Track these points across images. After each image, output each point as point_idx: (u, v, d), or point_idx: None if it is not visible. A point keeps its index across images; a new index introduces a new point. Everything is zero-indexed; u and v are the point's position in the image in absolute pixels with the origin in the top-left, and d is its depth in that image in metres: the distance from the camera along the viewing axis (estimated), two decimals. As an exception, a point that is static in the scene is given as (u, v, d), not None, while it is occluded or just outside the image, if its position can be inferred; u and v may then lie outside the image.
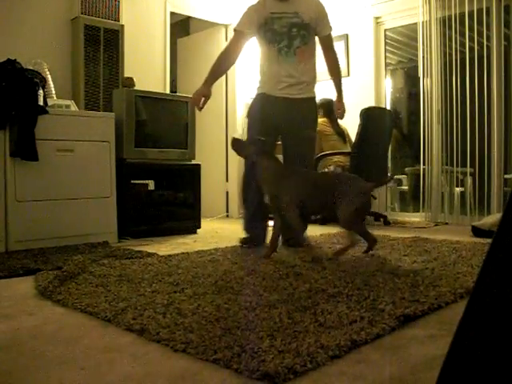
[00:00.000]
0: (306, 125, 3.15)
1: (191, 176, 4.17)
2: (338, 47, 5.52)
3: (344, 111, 3.28)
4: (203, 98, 3.14)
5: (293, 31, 3.03)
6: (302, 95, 3.13)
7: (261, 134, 2.96)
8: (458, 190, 4.90)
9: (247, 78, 5.66)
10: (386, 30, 5.34)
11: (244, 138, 5.64)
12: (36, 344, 1.45)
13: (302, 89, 3.13)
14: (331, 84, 3.35)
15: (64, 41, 4.14)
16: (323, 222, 4.78)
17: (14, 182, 3.09)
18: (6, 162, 3.07)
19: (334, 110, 4.99)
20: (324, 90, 5.61)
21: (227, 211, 5.71)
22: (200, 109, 3.20)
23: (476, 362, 0.74)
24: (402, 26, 5.37)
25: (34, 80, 3.22)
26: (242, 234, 3.30)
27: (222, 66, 3.21)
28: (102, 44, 4.10)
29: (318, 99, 5.09)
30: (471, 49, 4.59)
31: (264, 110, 3.14)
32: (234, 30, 3.20)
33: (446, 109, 4.73)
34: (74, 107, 3.68)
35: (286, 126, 3.13)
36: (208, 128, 5.62)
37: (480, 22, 4.49)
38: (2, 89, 3.06)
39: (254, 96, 3.31)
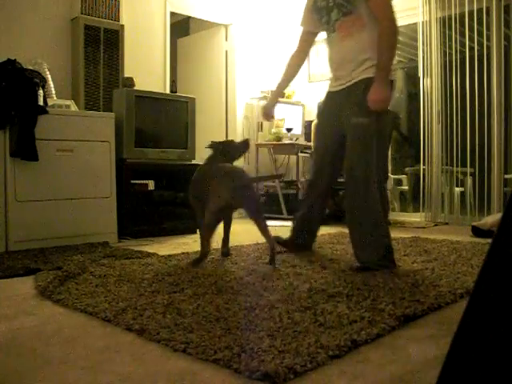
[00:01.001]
0: (353, 113, 2.47)
1: (191, 176, 4.16)
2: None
3: (376, 100, 2.37)
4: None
5: (329, 2, 2.54)
6: (351, 81, 2.51)
7: (320, 141, 2.79)
8: (457, 189, 4.90)
9: (247, 77, 5.66)
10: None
11: (244, 137, 5.64)
12: (36, 344, 1.45)
13: (353, 72, 2.50)
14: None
15: (64, 41, 4.13)
16: (323, 221, 4.77)
17: (13, 182, 3.08)
18: (6, 162, 3.07)
19: None
20: (322, 90, 5.63)
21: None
22: (271, 119, 3.13)
23: (476, 362, 0.74)
24: (402, 26, 5.33)
25: (34, 80, 3.22)
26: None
27: (287, 73, 2.96)
28: (102, 44, 4.10)
29: (320, 100, 5.15)
30: (471, 49, 4.59)
31: (320, 111, 2.87)
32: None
33: (445, 109, 4.73)
34: (74, 107, 3.68)
35: (341, 126, 2.58)
36: (208, 128, 5.62)
37: (480, 22, 4.49)
38: (2, 89, 3.06)
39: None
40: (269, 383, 1.14)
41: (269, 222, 2.92)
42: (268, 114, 3.01)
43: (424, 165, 4.90)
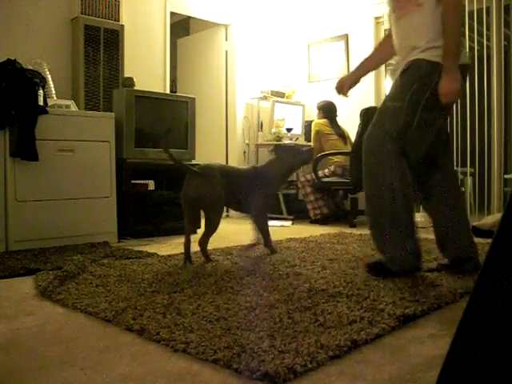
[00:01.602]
0: (389, 97, 2.27)
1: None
2: (338, 47, 5.55)
3: (446, 94, 2.08)
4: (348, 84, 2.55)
5: None
6: (402, 67, 2.22)
7: None
8: (457, 190, 4.89)
9: (247, 77, 5.66)
10: (385, 30, 5.33)
11: (244, 138, 5.65)
12: (36, 344, 1.45)
13: (403, 61, 2.22)
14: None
15: (64, 41, 4.13)
16: (323, 221, 4.78)
17: (14, 182, 3.08)
18: (6, 162, 3.07)
19: (334, 111, 5.03)
20: (322, 90, 5.64)
21: (227, 211, 5.70)
22: (345, 94, 2.59)
23: (476, 362, 0.74)
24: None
25: (34, 80, 3.22)
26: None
27: (376, 51, 2.58)
28: (101, 44, 4.10)
29: (319, 100, 5.16)
30: (471, 49, 4.59)
31: None
32: None
33: (446, 109, 4.72)
34: (74, 107, 3.68)
35: None
36: (208, 128, 5.62)
37: (480, 22, 4.49)
38: (2, 89, 3.06)
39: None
40: (269, 383, 1.14)
41: (269, 222, 2.90)
42: (342, 87, 2.58)
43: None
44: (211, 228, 2.62)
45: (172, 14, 5.07)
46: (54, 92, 3.76)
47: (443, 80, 2.08)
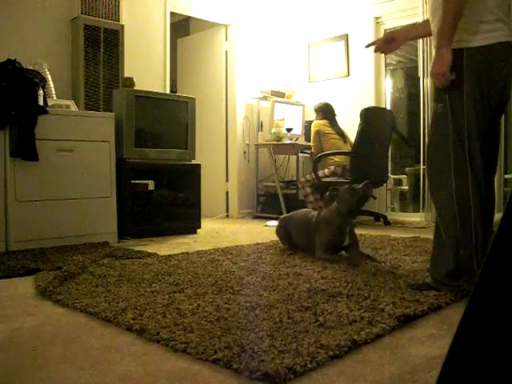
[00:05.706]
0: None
1: (191, 176, 4.17)
2: (338, 47, 5.55)
3: (431, 75, 1.88)
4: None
5: None
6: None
7: None
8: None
9: (247, 77, 5.66)
10: (385, 30, 5.34)
11: (244, 138, 5.65)
12: (36, 344, 1.45)
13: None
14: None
15: (64, 41, 4.13)
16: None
17: (14, 182, 3.08)
18: (6, 162, 3.07)
19: (332, 111, 5.03)
20: (322, 90, 5.63)
21: (227, 211, 5.70)
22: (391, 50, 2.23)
23: (476, 362, 0.74)
24: (401, 26, 5.36)
25: (34, 80, 3.22)
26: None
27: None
28: (102, 44, 4.10)
29: (317, 102, 5.17)
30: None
31: None
32: None
33: (446, 109, 4.72)
34: (74, 107, 3.68)
35: None
36: (208, 128, 5.62)
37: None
38: (2, 89, 3.06)
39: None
40: (269, 383, 1.14)
41: (269, 223, 2.91)
42: (387, 40, 2.26)
43: (424, 165, 4.89)
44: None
45: (172, 13, 5.07)
46: (53, 92, 3.76)
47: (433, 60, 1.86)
